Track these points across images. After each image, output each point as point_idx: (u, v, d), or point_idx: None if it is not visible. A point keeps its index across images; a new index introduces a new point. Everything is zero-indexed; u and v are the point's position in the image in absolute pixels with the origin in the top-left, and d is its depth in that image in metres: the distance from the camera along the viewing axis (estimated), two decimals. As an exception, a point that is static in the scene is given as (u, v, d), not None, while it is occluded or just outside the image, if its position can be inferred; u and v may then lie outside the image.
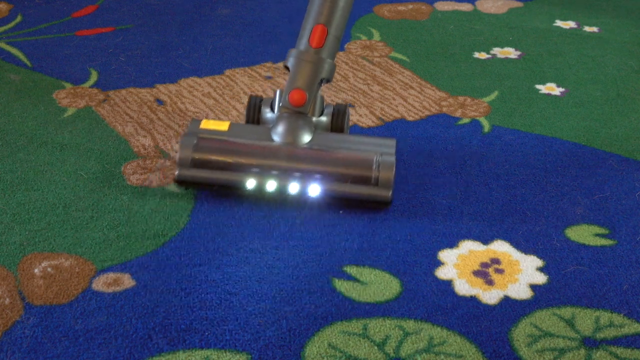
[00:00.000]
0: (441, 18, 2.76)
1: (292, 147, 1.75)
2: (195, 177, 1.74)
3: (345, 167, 1.73)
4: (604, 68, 2.43)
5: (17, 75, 2.29)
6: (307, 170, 1.73)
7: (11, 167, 1.87)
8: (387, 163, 1.72)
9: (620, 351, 1.40)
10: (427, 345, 1.40)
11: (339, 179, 1.73)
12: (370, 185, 1.72)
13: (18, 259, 1.58)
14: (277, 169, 1.73)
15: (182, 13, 2.75)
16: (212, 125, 1.80)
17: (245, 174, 1.73)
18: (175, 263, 1.59)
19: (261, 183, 1.73)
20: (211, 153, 1.74)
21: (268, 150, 1.75)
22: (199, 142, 1.75)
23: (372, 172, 1.72)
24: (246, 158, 1.74)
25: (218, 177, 1.74)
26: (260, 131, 1.79)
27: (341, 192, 1.73)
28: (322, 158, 1.74)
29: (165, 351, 1.37)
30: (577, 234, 1.70)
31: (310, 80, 1.78)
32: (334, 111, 1.83)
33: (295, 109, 1.77)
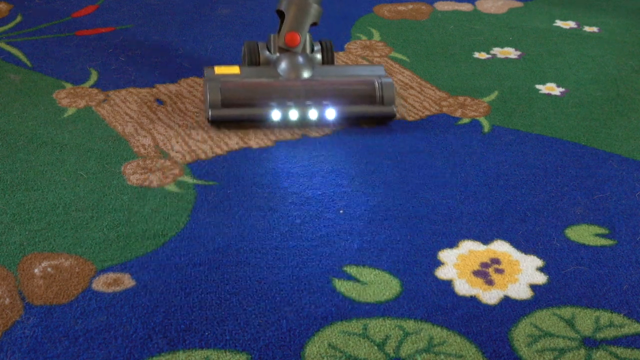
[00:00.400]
0: (441, 18, 2.76)
1: (302, 80, 2.05)
2: (226, 116, 2.02)
3: (353, 91, 2.05)
4: (604, 68, 2.43)
5: (17, 75, 2.29)
6: (322, 99, 2.03)
7: (11, 167, 1.87)
8: (388, 83, 2.05)
9: (620, 351, 1.40)
10: (427, 345, 1.40)
11: (350, 102, 2.04)
12: (377, 103, 2.04)
13: (18, 259, 1.58)
14: (295, 100, 2.02)
15: (182, 13, 2.75)
16: (225, 70, 2.07)
17: (269, 108, 2.02)
18: (175, 263, 1.59)
19: (285, 114, 2.02)
20: (237, 93, 2.02)
21: (284, 85, 2.03)
22: (224, 85, 2.01)
23: (377, 93, 2.04)
24: (267, 93, 2.03)
25: (246, 113, 2.02)
26: (268, 70, 2.08)
27: (353, 113, 2.05)
28: (334, 87, 2.05)
29: (165, 351, 1.37)
30: (577, 234, 1.70)
31: (303, 23, 2.07)
32: (322, 47, 2.13)
33: (291, 49, 2.07)
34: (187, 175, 1.87)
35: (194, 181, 1.84)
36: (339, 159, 1.95)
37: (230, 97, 2.01)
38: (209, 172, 1.88)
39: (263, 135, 2.04)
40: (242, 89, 2.03)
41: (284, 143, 2.01)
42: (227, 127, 2.04)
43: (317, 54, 2.12)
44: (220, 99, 2.00)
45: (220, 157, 1.95)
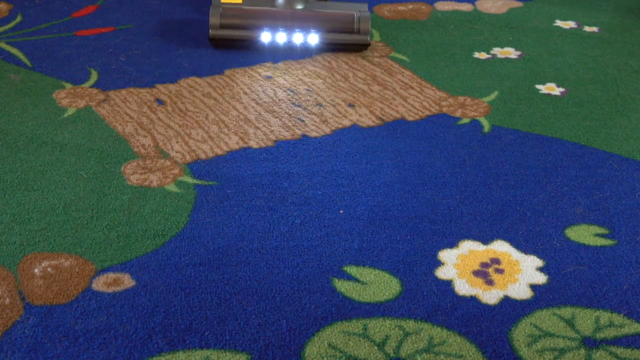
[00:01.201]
0: (441, 18, 2.76)
1: (294, 10, 2.40)
2: (223, 36, 2.41)
3: (335, 22, 2.41)
4: (604, 68, 2.43)
5: (17, 75, 2.29)
6: (307, 26, 2.40)
7: (11, 167, 1.87)
8: (365, 17, 2.41)
9: (620, 351, 1.40)
10: (427, 345, 1.40)
11: (331, 30, 2.41)
12: (354, 33, 2.41)
13: (18, 259, 1.58)
14: (284, 26, 2.38)
15: (182, 13, 2.75)
16: (230, 1, 2.44)
17: (261, 31, 2.39)
18: (175, 263, 1.58)
19: (273, 36, 2.39)
20: (234, 18, 2.40)
21: (276, 13, 2.40)
22: (224, 11, 2.40)
23: (354, 24, 2.41)
24: (261, 20, 2.40)
25: (240, 34, 2.40)
26: (266, 2, 2.44)
27: (333, 39, 2.42)
28: (318, 17, 2.41)
29: (165, 351, 1.37)
30: (577, 234, 1.70)
31: None
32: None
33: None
34: (187, 175, 1.87)
35: (194, 181, 1.84)
36: (339, 159, 1.95)
37: (228, 20, 2.39)
38: (209, 172, 1.88)
39: (263, 135, 2.04)
40: (239, 14, 2.40)
41: (284, 143, 2.01)
42: (226, 47, 2.42)
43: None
44: (219, 21, 2.39)
45: (220, 157, 1.95)
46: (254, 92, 2.24)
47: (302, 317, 1.46)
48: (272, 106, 2.17)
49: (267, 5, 2.44)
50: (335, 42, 2.42)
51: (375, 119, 2.12)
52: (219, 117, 2.11)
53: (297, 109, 2.16)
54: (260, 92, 2.24)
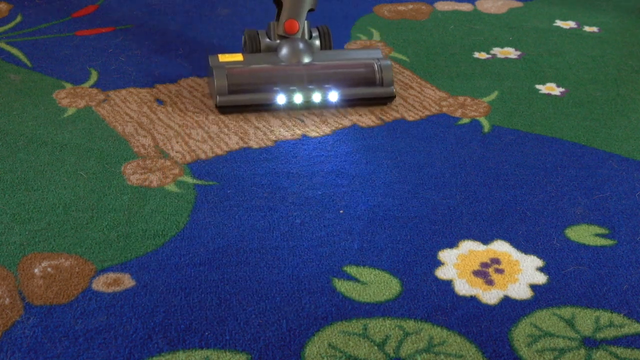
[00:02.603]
0: (441, 18, 2.76)
1: (304, 65, 2.12)
2: (234, 102, 2.09)
3: (355, 75, 2.14)
4: (604, 68, 2.43)
5: (17, 75, 2.29)
6: (324, 83, 2.12)
7: (11, 167, 1.87)
8: (386, 66, 2.14)
9: (620, 351, 1.40)
10: (427, 345, 1.40)
11: (351, 85, 2.13)
12: (376, 85, 2.13)
13: (18, 259, 1.58)
14: (298, 84, 2.10)
15: (182, 13, 2.75)
16: (229, 58, 2.13)
17: (274, 93, 2.10)
18: (175, 263, 1.59)
19: (290, 98, 2.10)
20: (242, 80, 2.10)
21: (288, 71, 2.11)
22: (229, 72, 2.09)
23: (376, 75, 2.13)
24: (272, 80, 2.10)
25: (253, 98, 2.09)
26: (270, 57, 2.15)
27: (354, 95, 2.13)
28: (335, 71, 2.14)
29: (165, 351, 1.37)
30: (577, 234, 1.70)
31: (301, 10, 2.16)
32: (320, 33, 2.22)
33: (291, 36, 2.16)
34: (187, 175, 1.87)
35: (194, 181, 1.84)
36: (339, 159, 1.95)
37: (236, 83, 2.09)
38: (209, 172, 1.88)
39: (263, 135, 2.04)
40: (247, 75, 2.11)
41: (284, 143, 2.01)
42: (234, 113, 2.11)
43: (315, 40, 2.21)
44: (227, 85, 2.07)
45: (220, 157, 1.95)
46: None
47: (302, 317, 1.46)
48: (272, 106, 2.17)
49: (271, 60, 2.15)
50: (357, 97, 2.14)
51: (375, 119, 2.12)
52: (219, 117, 2.11)
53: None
54: (260, 92, 2.24)
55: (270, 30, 2.20)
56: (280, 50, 2.15)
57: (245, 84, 2.09)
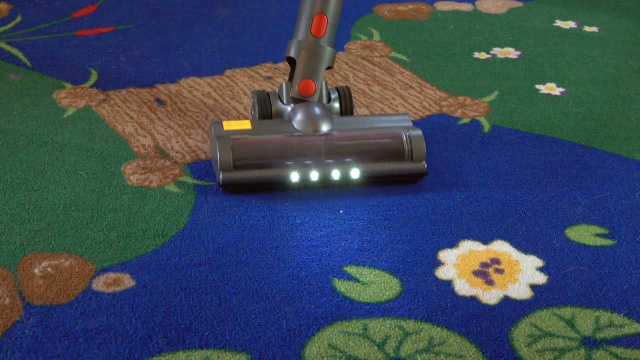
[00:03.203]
0: (441, 18, 2.76)
1: (321, 135, 1.82)
2: (240, 179, 1.78)
3: (380, 148, 1.83)
4: (604, 68, 2.43)
5: (17, 75, 2.29)
6: (344, 157, 1.81)
7: (11, 167, 1.87)
8: (416, 136, 1.82)
9: (620, 351, 1.40)
10: (427, 345, 1.40)
11: (375, 158, 1.82)
12: (405, 159, 1.82)
13: (18, 259, 1.58)
14: (315, 158, 1.80)
15: (182, 13, 2.75)
16: (235, 125, 1.83)
17: (287, 168, 1.79)
18: (175, 263, 1.59)
19: (305, 174, 1.79)
20: (250, 154, 1.79)
21: (303, 142, 1.81)
22: (234, 143, 1.78)
23: (405, 147, 1.82)
24: (285, 153, 1.80)
25: (262, 175, 1.80)
26: (282, 124, 1.85)
27: (379, 172, 1.82)
28: (357, 143, 1.83)
29: (165, 351, 1.37)
30: (577, 234, 1.70)
31: (317, 69, 1.86)
32: (340, 95, 1.91)
33: (306, 98, 1.86)
34: (187, 175, 1.87)
35: (194, 181, 1.84)
36: (339, 159, 1.94)
37: (243, 157, 1.78)
38: (209, 172, 1.88)
39: (263, 135, 2.04)
40: (256, 148, 1.80)
41: (284, 143, 2.00)
42: (240, 192, 1.80)
43: (334, 103, 1.91)
44: (232, 159, 1.77)
45: (220, 157, 1.94)
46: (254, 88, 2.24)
47: (302, 317, 1.46)
48: (272, 106, 2.17)
49: (284, 129, 1.84)
50: (383, 174, 1.83)
51: (375, 119, 2.12)
52: (219, 117, 2.11)
53: (297, 109, 2.16)
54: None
55: (282, 92, 1.89)
56: (294, 116, 1.85)
57: (254, 158, 1.79)
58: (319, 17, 1.86)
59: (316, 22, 1.86)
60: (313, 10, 1.86)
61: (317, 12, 1.86)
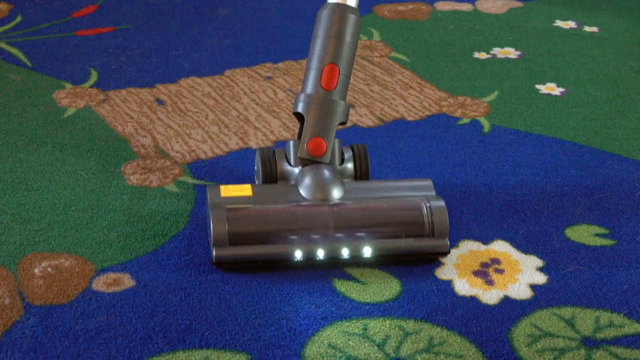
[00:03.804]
0: (441, 18, 2.76)
1: (331, 205, 1.58)
2: (236, 256, 1.55)
3: (396, 221, 1.58)
4: (604, 68, 2.44)
5: (17, 75, 2.29)
6: (355, 230, 1.57)
7: (11, 167, 1.87)
8: (438, 208, 1.58)
9: (620, 351, 1.40)
10: (427, 345, 1.40)
11: (390, 234, 1.57)
12: (425, 235, 1.57)
13: (18, 259, 1.58)
14: (322, 232, 1.56)
15: (182, 13, 2.75)
16: (234, 191, 1.62)
17: (291, 244, 1.55)
18: (175, 263, 1.59)
19: (310, 252, 1.55)
20: (249, 226, 1.55)
21: (309, 213, 1.57)
22: (231, 214, 1.55)
23: (424, 220, 1.57)
24: (288, 225, 1.55)
25: (261, 252, 1.55)
26: (287, 190, 1.62)
27: (395, 249, 1.57)
28: (368, 214, 1.58)
29: (165, 351, 1.37)
30: (577, 234, 1.70)
31: (328, 126, 1.64)
32: (354, 155, 1.69)
33: (316, 159, 1.63)
34: (187, 175, 1.87)
35: (194, 181, 1.84)
36: (339, 159, 1.94)
37: (240, 231, 1.54)
38: (209, 172, 1.88)
39: (263, 136, 2.04)
40: (255, 220, 1.56)
41: (284, 143, 2.00)
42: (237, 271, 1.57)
43: (348, 164, 1.68)
44: (227, 233, 1.53)
45: (220, 157, 1.95)
46: (254, 92, 2.24)
47: (302, 317, 1.46)
48: (272, 106, 2.17)
49: (289, 196, 1.61)
50: (398, 252, 1.58)
51: (375, 119, 2.12)
52: (219, 118, 2.11)
53: (297, 109, 2.16)
54: (260, 92, 2.24)
55: (289, 151, 1.67)
56: (301, 180, 1.62)
57: (253, 232, 1.55)
58: (330, 67, 1.65)
59: (327, 73, 1.64)
60: (323, 60, 1.65)
61: (328, 62, 1.65)
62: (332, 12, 1.67)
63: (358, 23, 1.68)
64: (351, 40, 1.67)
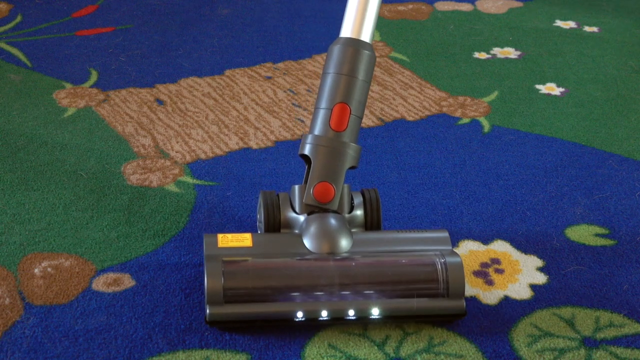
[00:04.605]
0: (441, 18, 2.76)
1: (336, 259, 1.45)
2: (232, 315, 1.41)
3: (407, 279, 1.44)
4: (604, 68, 2.43)
5: (17, 75, 2.29)
6: (362, 287, 1.43)
7: (11, 167, 1.87)
8: (455, 265, 1.44)
9: (620, 351, 1.40)
10: (427, 345, 1.40)
11: (401, 293, 1.44)
12: (439, 295, 1.43)
13: (18, 259, 1.58)
14: (326, 290, 1.43)
15: (182, 13, 2.75)
16: (232, 241, 1.48)
17: (292, 302, 1.42)
18: (175, 263, 1.59)
19: (314, 312, 1.42)
20: (246, 282, 1.41)
21: (313, 269, 1.44)
22: (227, 267, 1.41)
23: (439, 278, 1.43)
24: (289, 282, 1.42)
25: (260, 310, 1.42)
26: (291, 241, 1.49)
27: (405, 311, 1.43)
28: (377, 271, 1.44)
29: (165, 351, 1.37)
30: (577, 234, 1.70)
31: (336, 170, 1.51)
32: (365, 201, 1.56)
33: (323, 205, 1.50)
34: (187, 175, 1.87)
35: (194, 181, 1.84)
36: (339, 159, 1.94)
37: (236, 287, 1.41)
38: (209, 172, 1.88)
39: (263, 136, 2.04)
40: (254, 275, 1.42)
41: (284, 143, 2.01)
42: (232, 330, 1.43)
43: (357, 211, 1.55)
44: (222, 290, 1.40)
45: (220, 157, 1.95)
46: (254, 92, 2.24)
47: (302, 317, 1.45)
48: (272, 106, 2.17)
49: (292, 248, 1.48)
50: (409, 314, 1.44)
51: (375, 119, 2.12)
52: (219, 118, 2.11)
53: (297, 109, 2.16)
54: (260, 92, 2.24)
55: (294, 197, 1.53)
56: (306, 229, 1.49)
57: (250, 289, 1.41)
58: (340, 107, 1.53)
59: (336, 113, 1.52)
60: (333, 99, 1.53)
61: (338, 102, 1.53)
62: (345, 47, 1.54)
63: (373, 60, 1.55)
64: (364, 78, 1.54)
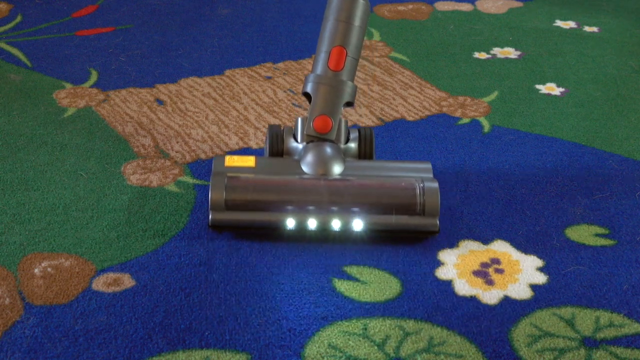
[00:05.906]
0: (441, 18, 2.76)
1: (327, 179, 1.66)
2: (230, 220, 1.64)
3: (388, 198, 1.64)
4: (604, 68, 2.44)
5: (17, 75, 2.29)
6: (347, 204, 1.64)
7: (11, 167, 1.87)
8: (431, 189, 1.64)
9: (620, 351, 1.40)
10: (427, 345, 1.40)
11: (382, 210, 1.64)
12: (416, 214, 1.64)
13: (18, 259, 1.58)
14: (316, 204, 1.63)
15: (182, 13, 2.75)
16: (238, 162, 1.70)
17: (283, 213, 1.63)
18: (175, 263, 1.59)
19: (302, 221, 1.63)
20: (245, 193, 1.64)
21: (304, 185, 1.65)
22: (230, 181, 1.64)
23: (417, 201, 1.63)
24: (282, 195, 1.63)
25: (255, 218, 1.64)
26: (289, 164, 1.70)
27: (384, 225, 1.64)
28: (361, 190, 1.65)
29: (165, 351, 1.37)
30: (577, 234, 1.70)
31: (334, 105, 1.72)
32: (360, 136, 1.76)
33: (321, 136, 1.71)
34: (187, 175, 1.87)
35: (194, 181, 1.84)
36: (339, 159, 1.94)
37: (236, 198, 1.63)
38: (209, 172, 1.88)
39: (263, 136, 2.04)
40: (252, 188, 1.64)
41: (284, 143, 2.00)
42: (231, 231, 1.67)
43: (352, 144, 1.75)
44: (224, 199, 1.63)
45: (220, 157, 1.94)
46: (254, 92, 2.24)
47: (302, 317, 1.46)
48: (272, 106, 2.17)
49: (290, 169, 1.69)
50: (388, 228, 1.65)
51: (375, 119, 2.13)
52: (219, 118, 2.11)
53: (297, 109, 2.16)
54: (260, 92, 2.24)
55: (297, 128, 1.76)
56: (304, 155, 1.70)
57: (248, 200, 1.63)
58: (338, 49, 1.73)
59: (334, 55, 1.73)
60: (332, 43, 1.74)
61: (336, 45, 1.74)
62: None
63: (367, 8, 1.77)
64: (360, 24, 1.76)
